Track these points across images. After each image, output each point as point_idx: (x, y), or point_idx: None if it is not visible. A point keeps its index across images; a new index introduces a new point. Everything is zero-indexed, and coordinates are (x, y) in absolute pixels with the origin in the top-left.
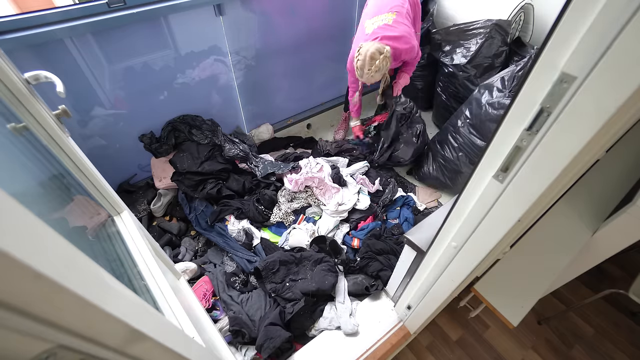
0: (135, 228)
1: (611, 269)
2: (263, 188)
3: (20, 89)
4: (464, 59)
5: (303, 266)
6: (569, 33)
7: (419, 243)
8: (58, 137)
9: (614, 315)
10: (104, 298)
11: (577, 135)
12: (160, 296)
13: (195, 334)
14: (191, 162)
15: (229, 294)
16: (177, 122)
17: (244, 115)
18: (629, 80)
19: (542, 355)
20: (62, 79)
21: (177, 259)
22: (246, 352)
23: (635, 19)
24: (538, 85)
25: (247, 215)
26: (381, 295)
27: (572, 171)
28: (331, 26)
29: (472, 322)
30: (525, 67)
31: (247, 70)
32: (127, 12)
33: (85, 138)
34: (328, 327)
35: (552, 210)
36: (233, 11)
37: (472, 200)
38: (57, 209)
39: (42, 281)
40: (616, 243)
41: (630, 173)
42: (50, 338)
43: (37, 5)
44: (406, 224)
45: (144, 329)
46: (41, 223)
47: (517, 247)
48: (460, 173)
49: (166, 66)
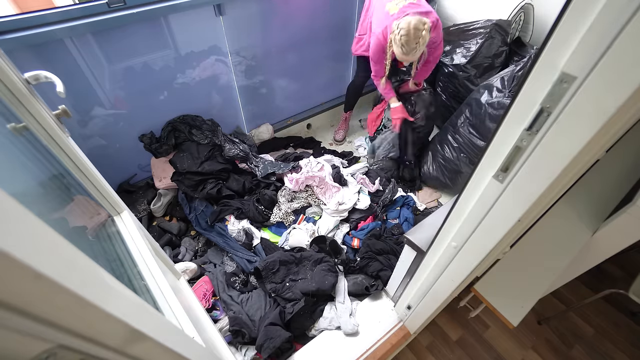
0: (135, 228)
1: (611, 269)
2: (263, 188)
3: (20, 89)
4: (464, 59)
5: (303, 266)
6: (569, 33)
7: (419, 243)
8: (58, 137)
9: (614, 315)
10: (104, 298)
11: (577, 136)
12: (160, 296)
13: (195, 334)
14: (191, 162)
15: (229, 294)
16: (177, 122)
17: (244, 115)
18: (629, 80)
19: (542, 355)
20: (62, 79)
21: (177, 259)
22: (246, 352)
23: (635, 19)
24: (538, 85)
25: (247, 215)
26: (381, 295)
27: (572, 171)
28: (331, 26)
29: (472, 322)
30: (525, 67)
31: (247, 70)
32: (127, 12)
33: (85, 138)
34: (328, 327)
35: (552, 211)
36: (233, 11)
37: (472, 200)
38: (57, 209)
39: (42, 281)
40: (616, 243)
41: (630, 173)
42: (50, 338)
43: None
44: (406, 224)
45: (144, 329)
46: (41, 223)
47: (517, 247)
48: (460, 173)
49: (166, 66)
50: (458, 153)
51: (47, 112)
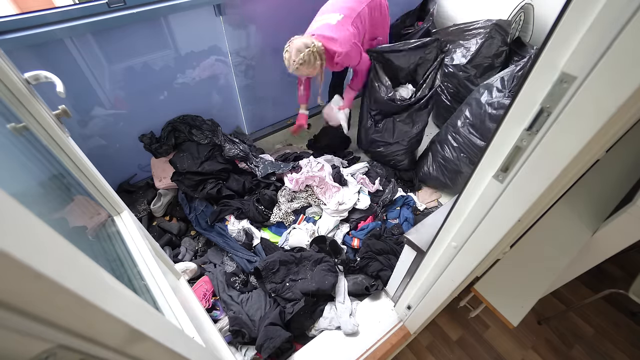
0: (135, 228)
1: (611, 269)
2: (263, 188)
3: (20, 89)
4: (464, 59)
5: (303, 266)
6: (569, 33)
7: (419, 243)
8: (58, 137)
9: (614, 315)
10: (104, 298)
11: (577, 136)
12: (160, 296)
13: (195, 334)
14: (191, 162)
15: (229, 294)
16: (177, 122)
17: (244, 115)
18: (629, 80)
19: (542, 355)
20: (62, 79)
21: (177, 259)
22: (246, 352)
23: (635, 19)
24: (538, 85)
25: (247, 215)
26: (381, 295)
27: (572, 171)
28: None
29: (472, 322)
30: (525, 67)
31: (247, 70)
32: (127, 12)
33: (85, 138)
34: (328, 327)
35: (552, 211)
36: (233, 11)
37: (472, 200)
38: (57, 209)
39: (42, 281)
40: (616, 243)
41: (630, 173)
42: (50, 338)
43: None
44: (406, 224)
45: (144, 329)
46: (41, 223)
47: (517, 247)
48: (460, 173)
49: (166, 66)
50: (458, 153)
51: (47, 112)
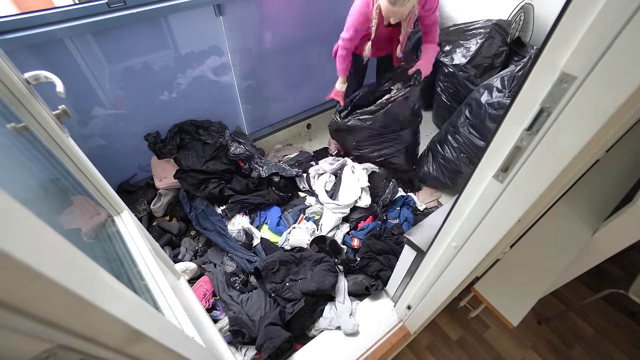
0: (135, 228)
1: (611, 269)
2: (267, 187)
3: (20, 89)
4: (464, 59)
5: (303, 266)
6: (569, 33)
7: (419, 243)
8: (58, 137)
9: (614, 315)
10: (104, 298)
11: (577, 136)
12: (160, 296)
13: (195, 334)
14: (196, 160)
15: (229, 294)
16: (185, 124)
17: (244, 115)
18: (629, 80)
19: (542, 355)
20: (62, 79)
21: (177, 259)
22: (246, 352)
23: (635, 19)
24: (538, 85)
25: (271, 202)
26: (381, 295)
27: (572, 171)
28: (331, 25)
29: (472, 322)
30: (525, 67)
31: (247, 70)
32: (127, 12)
33: (85, 138)
34: (328, 327)
35: (552, 211)
36: (233, 11)
37: (472, 200)
38: (57, 209)
39: (42, 281)
40: (616, 243)
41: (630, 173)
42: (50, 338)
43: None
44: (406, 224)
45: (144, 329)
46: (41, 223)
47: (517, 247)
48: (460, 173)
49: (166, 66)
50: (458, 153)
51: (47, 112)
